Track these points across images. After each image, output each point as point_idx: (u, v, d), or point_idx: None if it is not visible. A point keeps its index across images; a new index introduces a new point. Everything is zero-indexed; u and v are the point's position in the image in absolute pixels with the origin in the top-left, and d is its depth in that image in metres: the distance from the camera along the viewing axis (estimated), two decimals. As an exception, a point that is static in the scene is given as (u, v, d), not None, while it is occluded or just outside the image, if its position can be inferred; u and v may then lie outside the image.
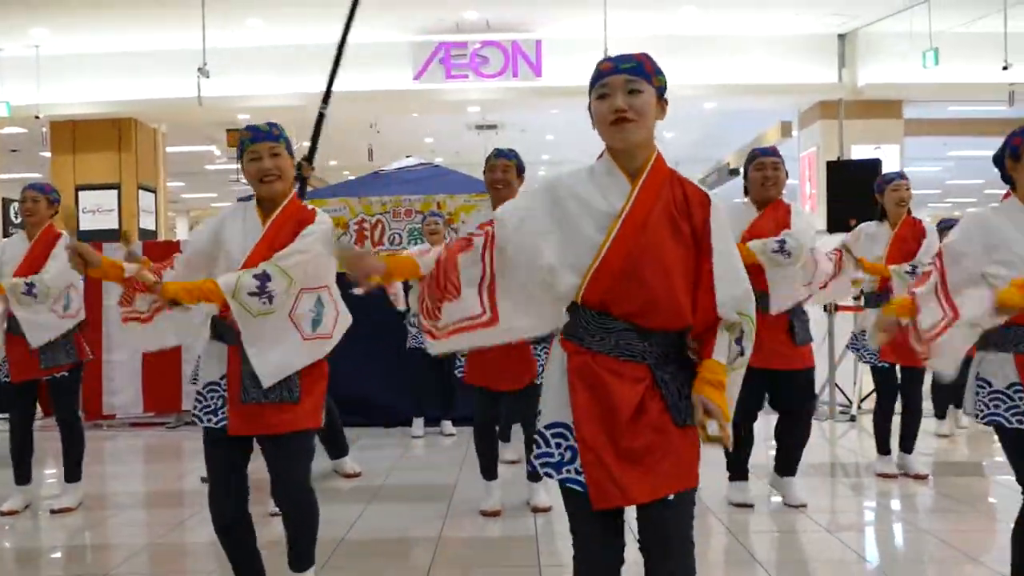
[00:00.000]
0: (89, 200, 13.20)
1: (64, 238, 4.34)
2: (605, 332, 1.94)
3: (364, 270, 2.16)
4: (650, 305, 1.92)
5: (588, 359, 1.95)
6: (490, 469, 4.28)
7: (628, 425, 1.91)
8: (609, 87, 1.95)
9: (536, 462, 1.99)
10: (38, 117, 12.29)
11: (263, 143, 2.71)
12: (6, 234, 14.48)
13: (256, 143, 2.71)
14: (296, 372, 2.68)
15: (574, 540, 2.02)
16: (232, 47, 11.42)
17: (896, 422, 4.94)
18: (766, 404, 4.40)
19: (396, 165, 8.07)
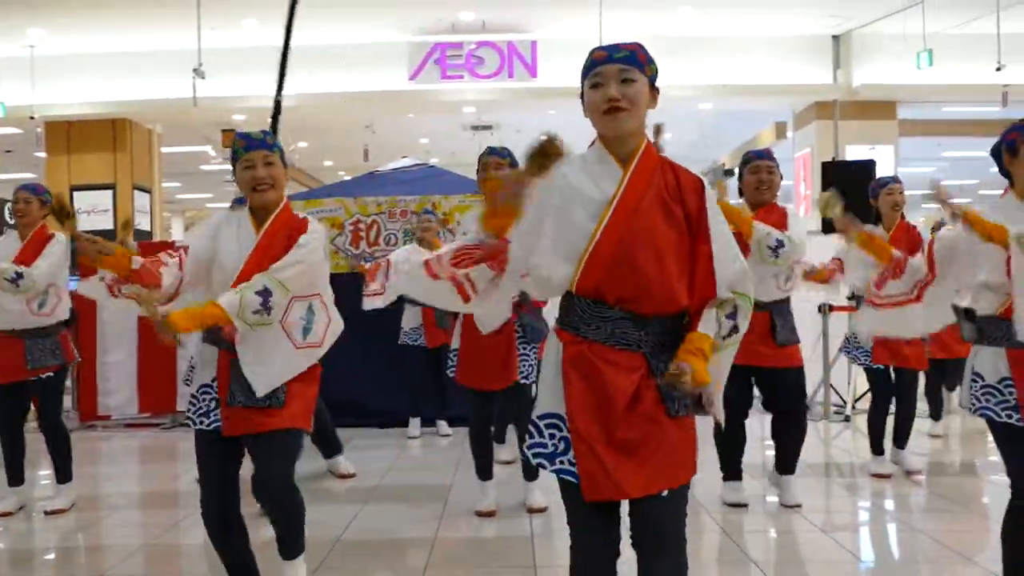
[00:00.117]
0: (84, 201, 13.17)
1: (57, 239, 4.35)
2: (601, 321, 1.95)
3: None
4: (644, 290, 1.93)
5: (584, 348, 1.95)
6: (485, 469, 4.28)
7: (623, 415, 1.92)
8: (602, 76, 1.96)
9: (529, 452, 1.99)
10: (33, 117, 12.25)
11: (257, 151, 2.71)
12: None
13: (250, 151, 2.71)
14: None
15: (571, 531, 2.02)
16: (228, 48, 11.39)
17: (889, 421, 4.96)
18: (759, 404, 4.41)
19: (392, 165, 8.06)
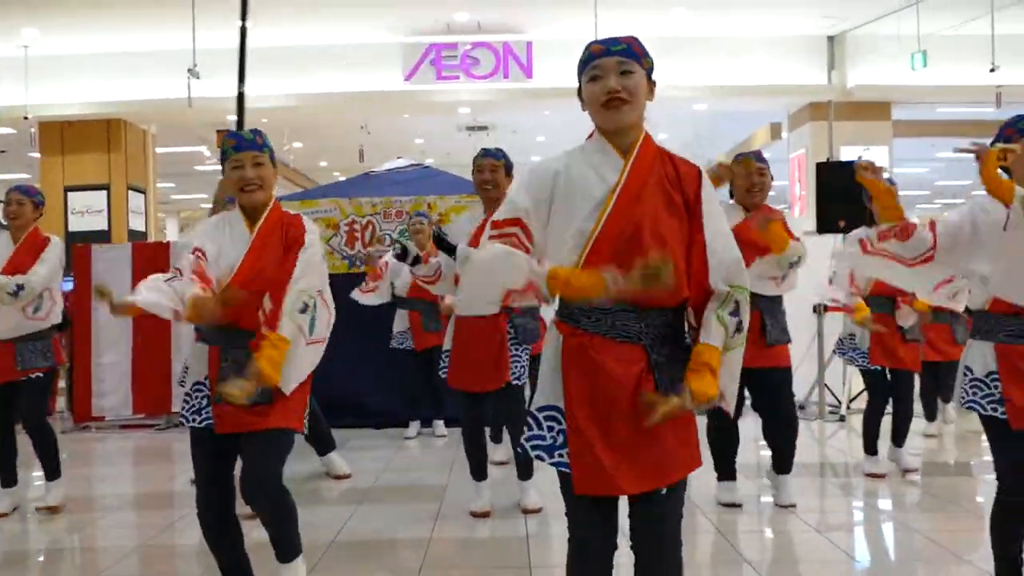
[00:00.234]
0: (78, 201, 13.13)
1: (53, 243, 4.35)
2: (601, 313, 1.94)
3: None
4: None
5: (584, 341, 1.95)
6: (480, 470, 4.28)
7: (622, 410, 1.92)
8: (601, 69, 1.97)
9: (527, 444, 1.99)
10: (27, 118, 12.20)
11: (246, 152, 2.72)
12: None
13: (240, 152, 2.72)
14: None
15: (569, 523, 2.03)
16: (222, 48, 11.37)
17: (886, 421, 4.97)
18: (749, 405, 4.43)
19: (387, 166, 8.06)
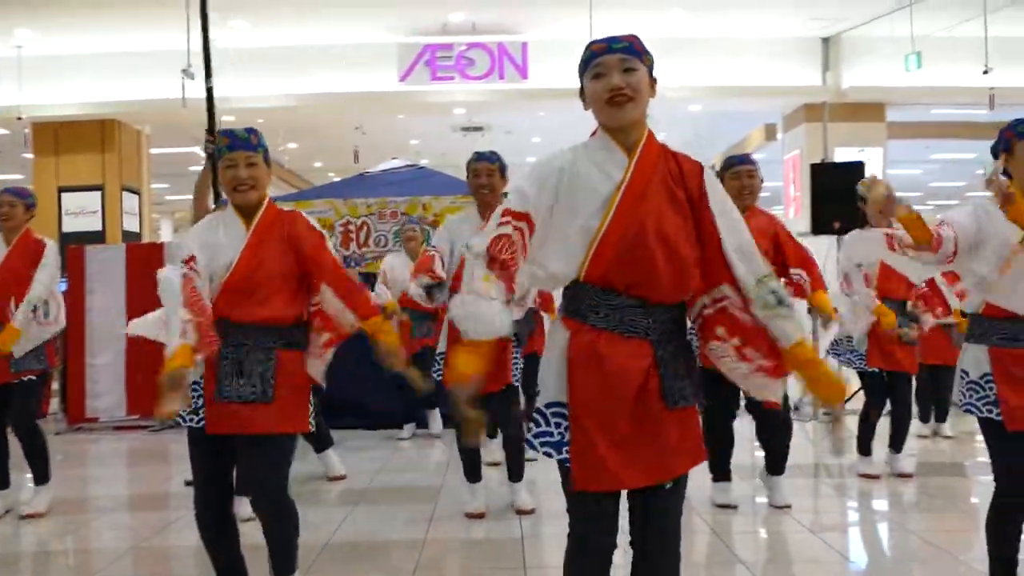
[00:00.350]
0: (72, 202, 13.09)
1: (50, 247, 4.34)
2: (609, 308, 1.95)
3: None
4: (654, 275, 1.94)
5: (592, 336, 1.95)
6: (474, 471, 4.27)
7: (627, 406, 1.93)
8: (604, 66, 1.97)
9: (535, 441, 1.99)
10: (20, 118, 12.16)
11: (240, 152, 2.71)
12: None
13: (233, 151, 2.72)
14: (272, 372, 2.69)
15: (570, 519, 2.02)
16: (217, 48, 11.36)
17: (883, 424, 4.97)
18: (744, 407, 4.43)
19: (382, 167, 8.06)
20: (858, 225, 4.94)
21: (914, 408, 6.11)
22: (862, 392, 5.15)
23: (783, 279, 4.05)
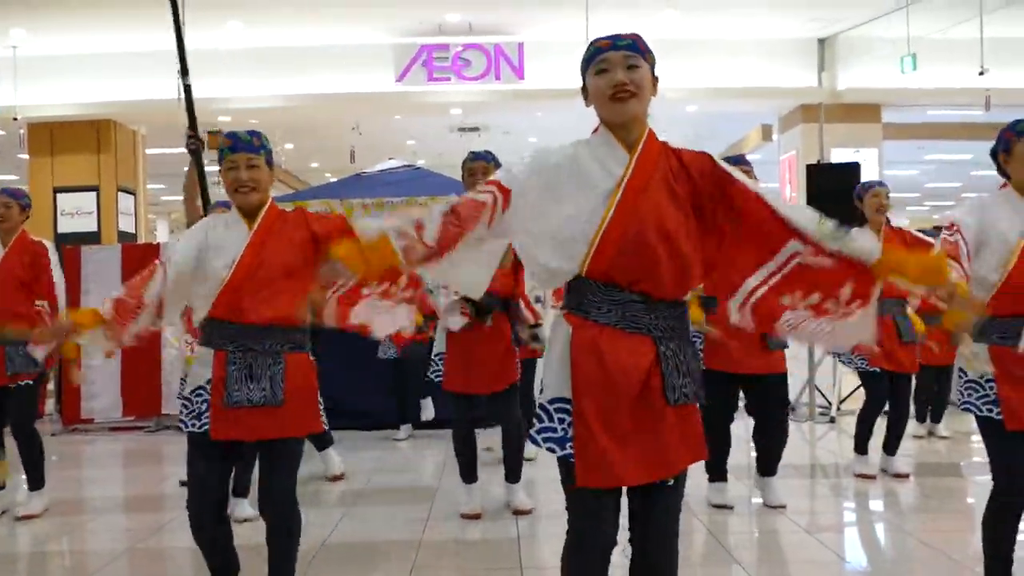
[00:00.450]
0: (67, 203, 13.06)
1: (51, 249, 4.33)
2: (612, 304, 1.96)
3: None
4: (655, 270, 1.95)
5: (594, 332, 1.96)
6: (470, 472, 4.27)
7: (629, 401, 1.93)
8: (608, 63, 1.99)
9: (538, 437, 1.99)
10: (15, 119, 12.14)
11: (241, 154, 2.71)
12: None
13: (235, 153, 2.72)
14: (282, 375, 2.68)
15: (569, 515, 2.02)
16: (212, 49, 11.35)
17: (880, 424, 4.98)
18: (741, 406, 4.44)
19: (378, 167, 8.04)
20: (856, 225, 4.95)
21: (911, 407, 6.16)
22: (862, 392, 5.15)
23: None
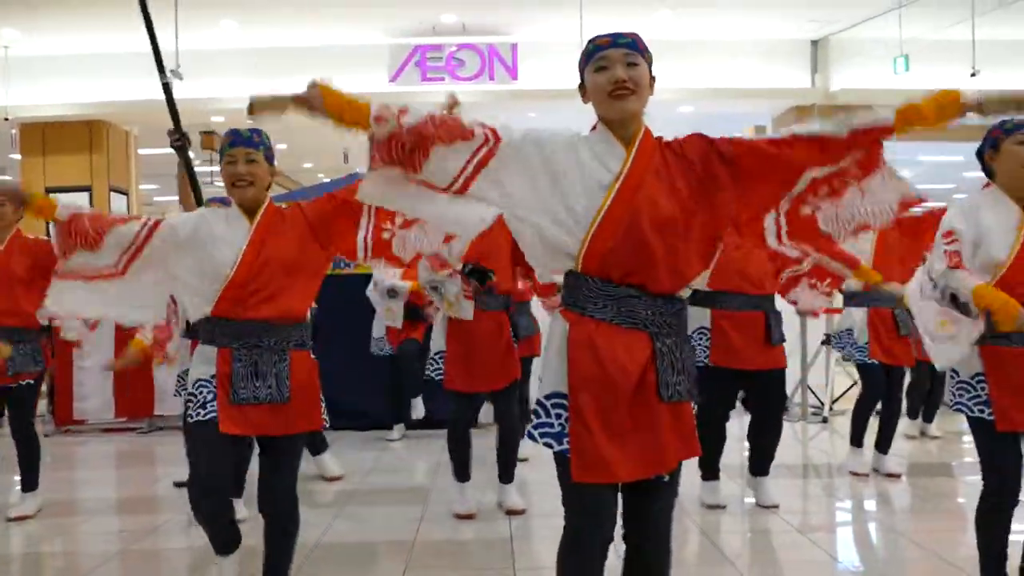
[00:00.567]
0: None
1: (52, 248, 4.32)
2: (608, 299, 1.97)
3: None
4: (649, 263, 1.96)
5: (591, 327, 1.97)
6: (463, 471, 4.26)
7: (625, 397, 1.94)
8: (608, 60, 2.02)
9: (535, 432, 2.00)
10: (7, 119, 12.09)
11: (239, 148, 2.74)
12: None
13: (234, 147, 2.74)
14: (287, 372, 2.70)
15: (565, 512, 2.03)
16: (205, 49, 11.32)
17: (872, 423, 4.99)
18: (738, 404, 4.45)
19: (372, 168, 8.02)
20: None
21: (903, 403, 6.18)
22: (854, 392, 5.16)
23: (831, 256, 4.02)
